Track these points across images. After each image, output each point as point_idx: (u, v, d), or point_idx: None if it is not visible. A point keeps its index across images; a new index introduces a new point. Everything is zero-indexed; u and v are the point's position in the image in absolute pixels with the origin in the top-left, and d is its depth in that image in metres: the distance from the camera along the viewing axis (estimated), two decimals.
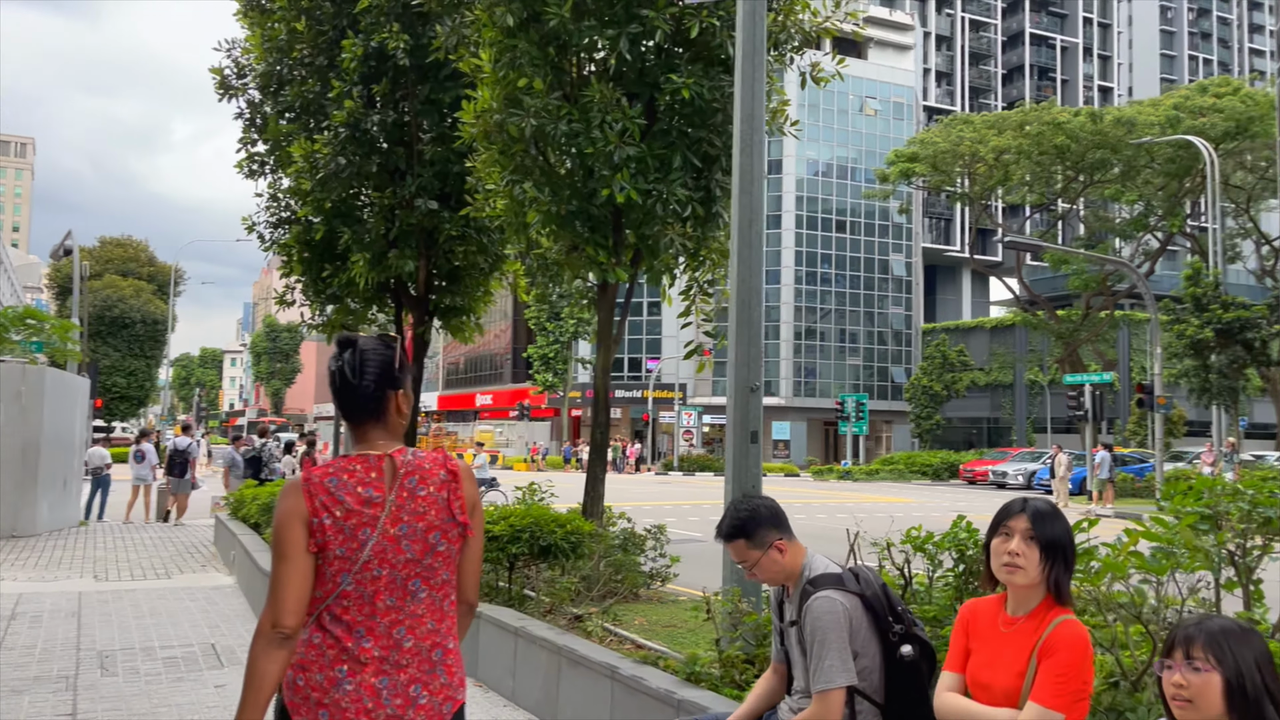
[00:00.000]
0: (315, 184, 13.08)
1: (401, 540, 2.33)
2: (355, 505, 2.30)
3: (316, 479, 2.33)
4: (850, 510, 24.89)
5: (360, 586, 2.30)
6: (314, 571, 2.29)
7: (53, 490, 15.96)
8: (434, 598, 2.39)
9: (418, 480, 2.38)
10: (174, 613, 8.80)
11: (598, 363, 10.51)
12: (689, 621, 8.55)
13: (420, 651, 2.34)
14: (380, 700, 2.27)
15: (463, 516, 2.42)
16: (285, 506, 2.31)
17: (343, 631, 2.29)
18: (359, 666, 2.28)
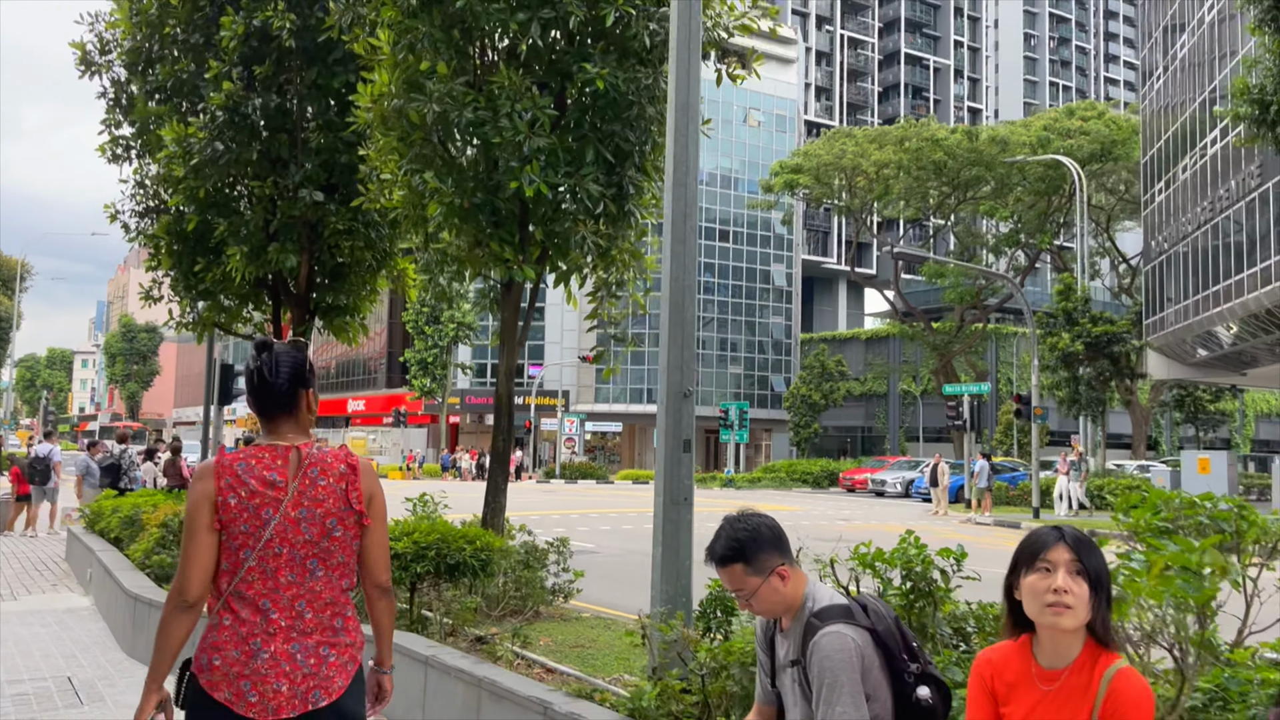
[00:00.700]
0: (188, 170, 12.09)
1: (301, 523, 2.59)
2: (259, 488, 2.56)
3: (227, 463, 2.60)
4: None
5: (263, 562, 2.55)
6: (218, 548, 2.55)
7: None
8: (330, 577, 2.65)
9: (319, 471, 2.64)
10: (22, 640, 7.83)
11: (502, 365, 9.95)
12: (597, 641, 8.09)
13: (321, 621, 2.61)
14: (295, 662, 2.54)
15: (359, 506, 2.67)
16: (196, 489, 2.59)
17: (250, 610, 2.54)
18: (270, 638, 2.53)
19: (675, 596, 5.59)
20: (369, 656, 2.91)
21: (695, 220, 5.90)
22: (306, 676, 2.56)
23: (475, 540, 6.61)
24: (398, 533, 6.50)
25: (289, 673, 2.54)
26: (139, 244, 13.90)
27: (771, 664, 2.84)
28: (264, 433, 2.72)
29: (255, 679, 2.52)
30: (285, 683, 2.54)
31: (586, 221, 9.17)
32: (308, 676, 2.56)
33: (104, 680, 6.55)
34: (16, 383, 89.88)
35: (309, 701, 2.56)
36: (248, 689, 2.52)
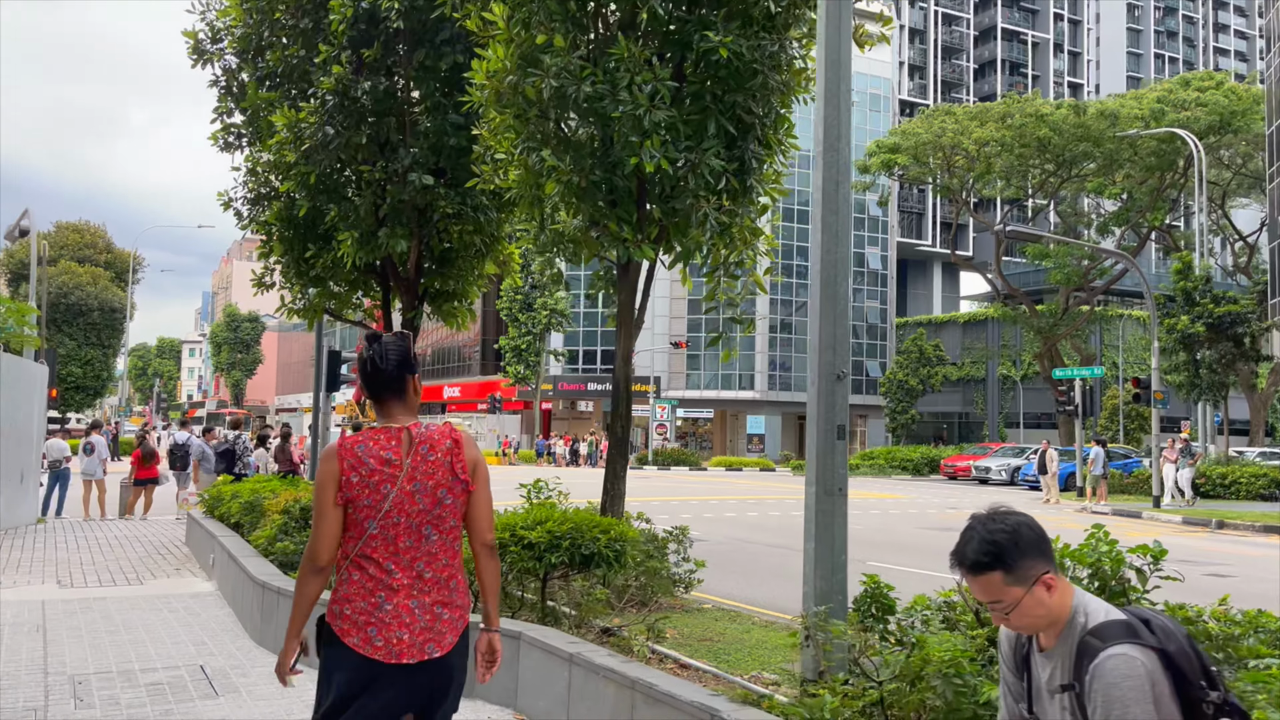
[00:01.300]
0: (299, 156, 12.07)
1: (415, 494, 2.91)
2: (377, 465, 2.89)
3: (348, 445, 2.94)
4: (860, 510, 24.25)
5: (384, 530, 2.89)
6: (343, 520, 2.91)
7: (9, 485, 14.82)
8: (444, 540, 2.99)
9: (428, 448, 2.96)
10: (152, 626, 7.83)
11: (619, 349, 9.65)
12: (725, 634, 7.75)
13: (438, 581, 2.94)
14: (415, 616, 2.87)
15: (464, 476, 2.99)
16: (323, 470, 2.93)
17: (375, 569, 2.87)
18: (393, 593, 2.86)
19: (830, 593, 5.20)
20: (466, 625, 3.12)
21: (848, 189, 5.48)
22: (423, 630, 2.88)
23: (609, 530, 6.31)
24: (530, 522, 6.24)
25: (409, 624, 2.86)
26: (251, 231, 13.99)
27: (1026, 687, 2.43)
28: (378, 415, 3.05)
29: (380, 627, 2.84)
30: (406, 632, 2.86)
31: (708, 198, 8.78)
32: (424, 630, 2.89)
33: (236, 670, 6.44)
34: (129, 371, 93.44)
35: (425, 652, 2.88)
36: (374, 634, 2.85)
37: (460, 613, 3.02)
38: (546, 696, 5.23)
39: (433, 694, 2.92)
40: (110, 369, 55.74)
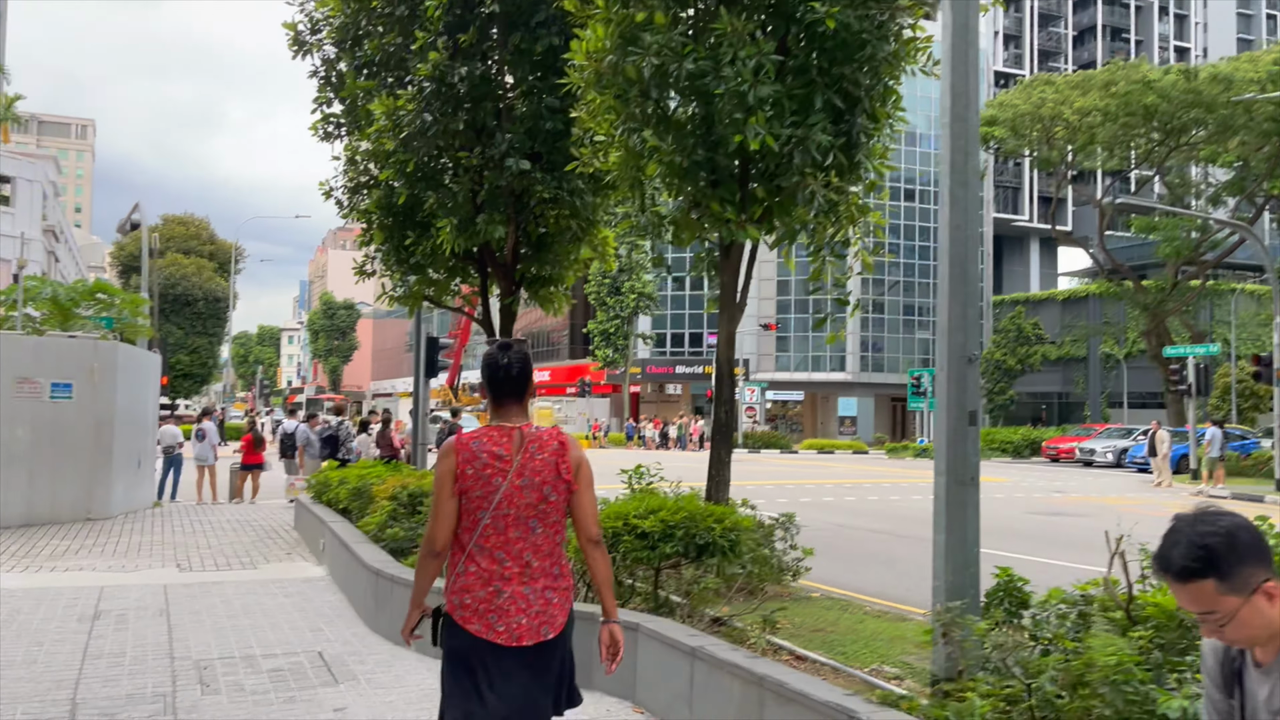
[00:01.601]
0: (398, 144, 12.14)
1: (523, 489, 3.14)
2: (490, 460, 3.13)
3: (464, 441, 3.18)
4: None
5: (496, 521, 3.12)
6: (459, 510, 3.15)
7: (127, 470, 15.36)
8: (548, 533, 3.19)
9: (537, 447, 3.19)
10: (269, 611, 7.96)
11: (721, 333, 9.46)
12: (838, 625, 7.54)
13: (544, 568, 3.16)
14: (529, 601, 3.10)
15: (568, 476, 3.20)
16: (442, 465, 3.19)
17: (488, 560, 3.10)
18: (506, 581, 3.09)
19: (963, 588, 4.97)
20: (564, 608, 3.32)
21: (977, 160, 5.20)
22: (538, 614, 3.11)
23: (723, 519, 6.15)
24: (643, 510, 6.12)
25: (525, 609, 3.09)
26: (351, 219, 14.17)
27: (1239, 707, 2.19)
28: (492, 415, 3.29)
29: (500, 613, 3.07)
30: (524, 617, 3.09)
31: (815, 174, 8.51)
32: (539, 614, 3.11)
33: (354, 657, 6.48)
34: (232, 358, 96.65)
35: (540, 634, 3.12)
36: (494, 621, 3.08)
37: (566, 593, 3.27)
38: (667, 690, 5.11)
39: (552, 671, 3.17)
40: (215, 357, 57.68)
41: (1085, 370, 58.19)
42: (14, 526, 13.26)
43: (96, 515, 14.30)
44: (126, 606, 8.03)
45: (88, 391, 14.16)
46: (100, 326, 16.30)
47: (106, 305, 16.46)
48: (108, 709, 5.26)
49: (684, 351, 62.65)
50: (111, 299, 16.54)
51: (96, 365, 14.22)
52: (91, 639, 6.85)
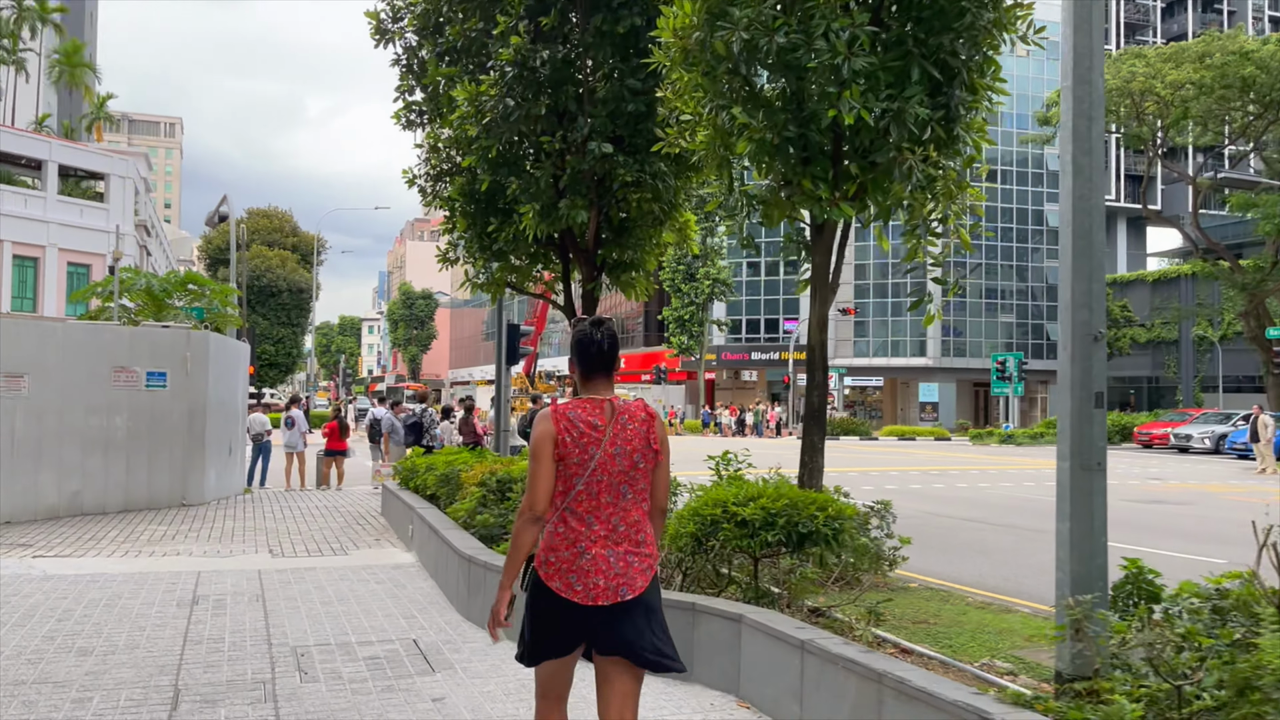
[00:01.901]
0: (480, 130, 12.10)
1: (615, 457, 3.34)
2: (585, 429, 3.32)
3: (561, 410, 3.36)
4: (1033, 480, 23.01)
5: (589, 486, 3.32)
6: (555, 474, 3.31)
7: (219, 457, 15.66)
8: (635, 499, 3.38)
9: (627, 418, 3.39)
10: (362, 598, 7.96)
11: (813, 315, 9.19)
12: (940, 616, 7.27)
13: (630, 534, 3.34)
14: (609, 563, 3.28)
15: (655, 445, 3.42)
16: (540, 429, 3.35)
17: (578, 522, 3.30)
18: (591, 544, 3.28)
19: (1090, 580, 4.67)
20: None
21: (1101, 125, 4.87)
22: (617, 576, 3.28)
23: (826, 507, 5.92)
24: (742, 498, 5.93)
25: (605, 571, 3.27)
26: (433, 207, 14.21)
27: None
28: (583, 389, 3.47)
29: (580, 574, 3.26)
30: (602, 578, 3.28)
31: (912, 149, 8.19)
32: (617, 576, 3.28)
33: (449, 645, 6.41)
34: (314, 348, 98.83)
35: (618, 595, 3.27)
36: (574, 581, 3.27)
37: (649, 561, 3.39)
38: (774, 685, 4.92)
39: (628, 629, 3.29)
40: (299, 346, 58.93)
41: (1177, 353, 56.20)
42: (113, 512, 13.60)
43: (191, 501, 14.61)
44: (223, 592, 8.11)
45: (181, 380, 14.45)
46: (192, 317, 16.65)
47: (197, 296, 16.80)
48: (210, 695, 5.26)
49: (759, 338, 62.12)
50: (202, 289, 16.88)
51: (189, 354, 14.51)
52: (191, 624, 6.91)
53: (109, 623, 6.92)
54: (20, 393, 12.92)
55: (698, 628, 5.48)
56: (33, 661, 5.87)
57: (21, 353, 12.96)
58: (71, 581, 8.43)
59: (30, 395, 12.99)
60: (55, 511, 13.16)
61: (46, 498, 13.13)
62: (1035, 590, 9.70)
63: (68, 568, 9.14)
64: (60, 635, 6.53)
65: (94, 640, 6.40)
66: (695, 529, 5.89)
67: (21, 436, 12.91)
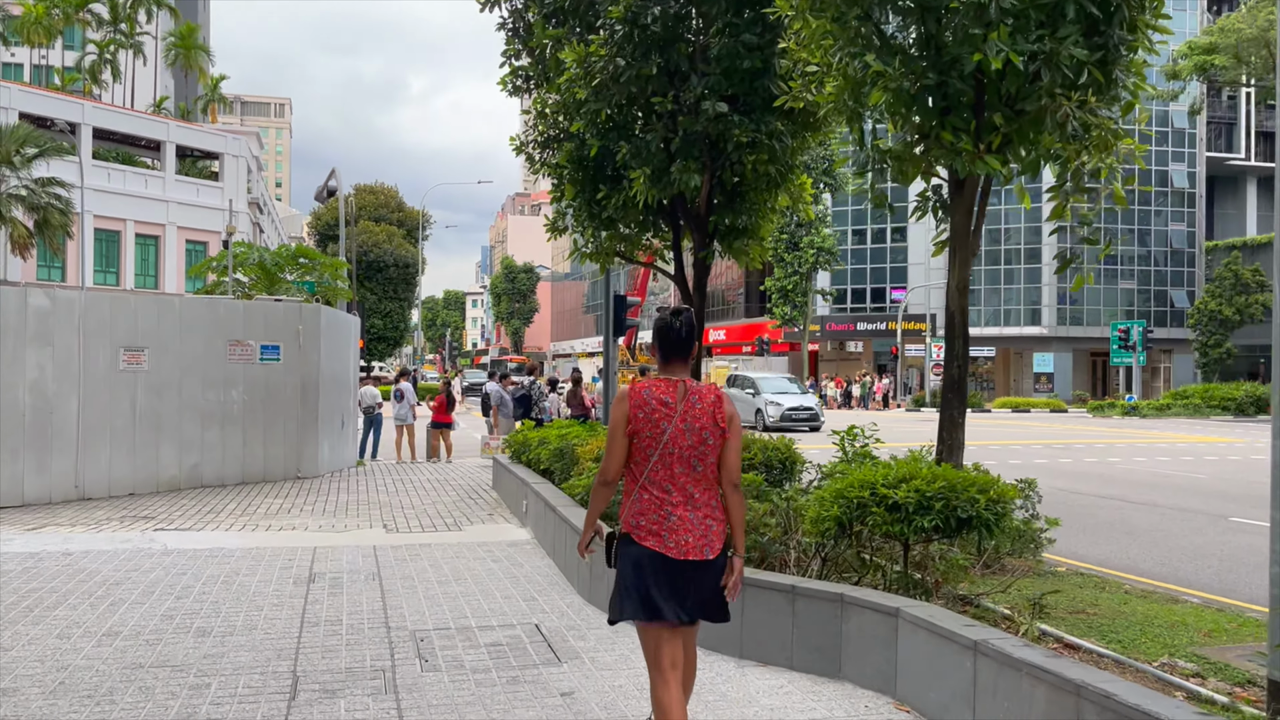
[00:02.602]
0: (590, 93, 11.66)
1: (686, 433, 3.70)
2: (658, 406, 3.70)
3: (636, 390, 3.76)
4: (1168, 455, 21.70)
5: (663, 459, 3.69)
6: (629, 448, 3.72)
7: (332, 430, 15.73)
8: (706, 471, 3.75)
9: (697, 398, 3.75)
10: (479, 577, 7.69)
11: (952, 278, 8.52)
12: (1098, 605, 6.61)
13: (705, 501, 3.73)
14: (693, 525, 3.67)
15: (723, 424, 3.75)
16: (617, 409, 3.77)
17: (658, 490, 3.69)
18: (674, 507, 3.67)
19: None
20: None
21: None
22: (700, 536, 3.63)
23: (988, 488, 5.34)
24: (892, 479, 5.39)
25: (691, 530, 3.62)
26: (541, 175, 13.87)
27: None
28: (661, 369, 3.81)
29: (670, 532, 3.60)
30: (690, 536, 3.63)
31: (1066, 95, 7.44)
32: (700, 536, 3.63)
33: (573, 631, 6.06)
34: (420, 321, 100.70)
35: (703, 553, 3.63)
36: (667, 538, 3.61)
37: (722, 525, 3.73)
38: (940, 688, 4.40)
39: (704, 591, 3.66)
40: (406, 320, 59.90)
41: None
42: (231, 485, 13.74)
43: (305, 474, 14.69)
44: (340, 570, 7.94)
45: (294, 353, 14.50)
46: (303, 290, 16.74)
47: (309, 269, 16.89)
48: (329, 684, 5.00)
49: (865, 307, 60.66)
50: (313, 263, 16.96)
51: (302, 327, 14.54)
52: (308, 604, 6.72)
53: (227, 601, 6.78)
54: (141, 367, 13.11)
55: (846, 620, 4.99)
56: (151, 642, 5.73)
57: (141, 328, 13.13)
58: (190, 556, 8.39)
59: (150, 370, 13.17)
60: (176, 484, 13.36)
61: (168, 470, 13.33)
62: (1195, 577, 8.94)
63: (187, 542, 9.14)
64: (179, 614, 6.41)
65: (212, 620, 6.25)
66: (840, 512, 5.39)
67: (143, 410, 13.10)
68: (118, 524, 10.26)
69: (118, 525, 10.17)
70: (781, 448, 8.61)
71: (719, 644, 5.57)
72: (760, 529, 5.98)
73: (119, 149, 43.91)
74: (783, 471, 8.40)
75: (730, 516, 3.75)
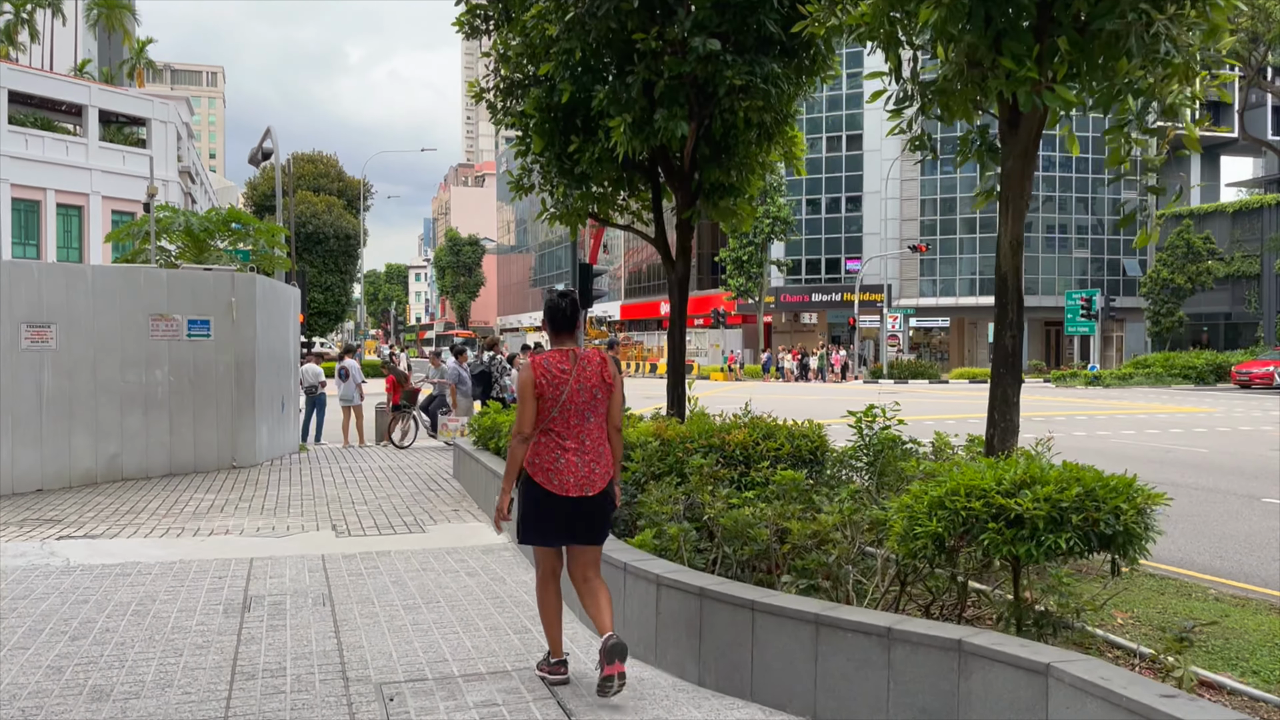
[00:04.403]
0: (562, 28, 10.21)
1: (580, 391, 4.63)
2: (556, 373, 4.61)
3: (537, 361, 4.66)
4: (1155, 427, 20.93)
5: (562, 413, 4.61)
6: (538, 407, 4.60)
7: (270, 413, 14.17)
8: (597, 422, 4.70)
9: (586, 363, 4.69)
10: (455, 599, 6.32)
11: (1004, 234, 7.28)
12: (1195, 617, 5.51)
13: (594, 448, 4.66)
14: (577, 469, 4.58)
15: (609, 380, 4.72)
16: (524, 377, 4.66)
17: (555, 438, 4.60)
18: (564, 452, 4.59)
19: None
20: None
21: None
22: (582, 478, 4.60)
23: (1133, 495, 4.11)
24: (1009, 485, 4.13)
25: (574, 472, 4.59)
26: (505, 125, 12.38)
27: None
28: (553, 342, 4.84)
29: (557, 473, 4.57)
30: (572, 477, 4.59)
31: (1147, 12, 6.21)
32: (583, 478, 4.60)
33: (586, 681, 4.72)
34: (364, 295, 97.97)
35: (582, 490, 4.59)
36: (552, 478, 4.57)
37: (606, 468, 4.69)
38: None
39: (587, 517, 4.63)
40: (348, 294, 57.70)
41: (1259, 288, 52.97)
42: (157, 476, 12.18)
43: (241, 463, 13.16)
44: (282, 590, 6.52)
45: (227, 328, 12.91)
46: (237, 259, 15.07)
47: (242, 235, 15.22)
48: None
49: (820, 278, 59.83)
50: (247, 229, 15.29)
51: (235, 300, 12.94)
52: (241, 643, 5.31)
53: (137, 641, 5.34)
54: (47, 345, 11.45)
55: (967, 675, 3.74)
56: (29, 712, 4.29)
57: (47, 301, 11.46)
58: (97, 575, 6.90)
59: (59, 348, 11.52)
60: (92, 477, 11.76)
61: (82, 462, 11.72)
62: (1261, 571, 7.93)
63: (95, 554, 7.64)
64: (71, 663, 4.96)
65: (114, 672, 4.82)
66: (941, 528, 4.13)
67: (51, 394, 11.46)
68: (15, 530, 8.70)
69: (14, 532, 8.61)
70: (811, 435, 7.36)
71: (785, 701, 4.31)
72: (827, 544, 4.71)
73: (37, 114, 41.20)
74: (813, 463, 7.16)
75: (613, 453, 4.75)
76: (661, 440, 7.06)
